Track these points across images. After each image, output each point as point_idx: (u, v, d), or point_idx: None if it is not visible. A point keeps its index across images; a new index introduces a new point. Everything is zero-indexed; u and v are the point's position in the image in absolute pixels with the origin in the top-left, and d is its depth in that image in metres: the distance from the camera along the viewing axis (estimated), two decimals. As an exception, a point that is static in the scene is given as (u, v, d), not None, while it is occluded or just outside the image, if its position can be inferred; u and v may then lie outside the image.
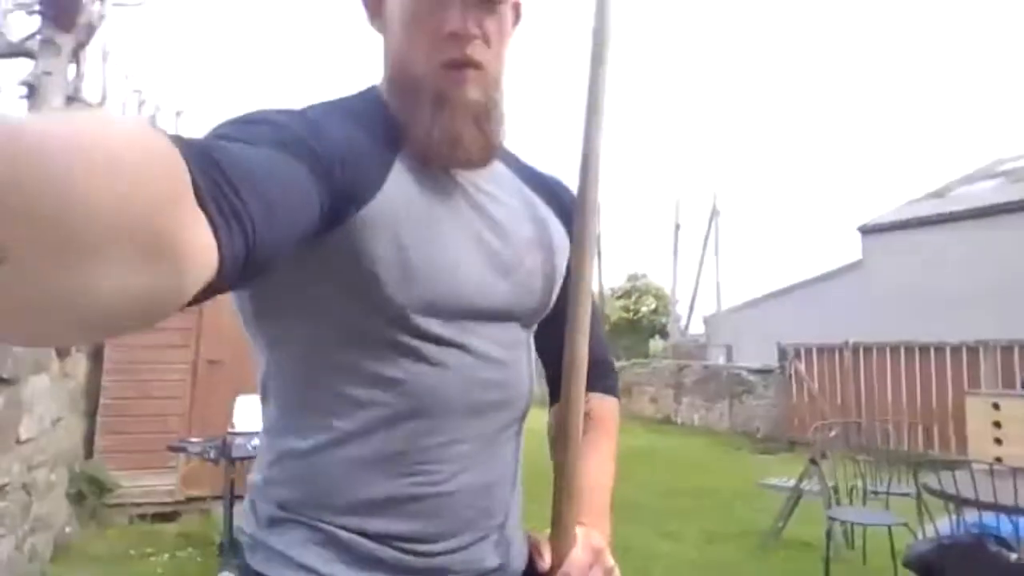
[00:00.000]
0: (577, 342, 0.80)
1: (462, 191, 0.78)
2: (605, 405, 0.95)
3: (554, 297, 0.86)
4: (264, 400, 0.79)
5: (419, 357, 0.72)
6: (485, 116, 0.78)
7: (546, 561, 0.78)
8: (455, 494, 0.74)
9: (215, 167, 0.42)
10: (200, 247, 0.38)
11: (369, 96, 0.81)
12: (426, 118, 0.75)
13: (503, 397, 0.78)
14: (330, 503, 0.72)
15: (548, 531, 0.80)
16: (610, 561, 0.80)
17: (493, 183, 0.83)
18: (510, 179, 0.87)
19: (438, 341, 0.73)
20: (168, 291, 0.37)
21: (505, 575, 0.80)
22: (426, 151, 0.75)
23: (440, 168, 0.77)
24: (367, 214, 0.67)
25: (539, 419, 0.94)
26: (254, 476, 0.79)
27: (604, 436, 0.92)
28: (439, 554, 0.74)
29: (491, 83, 0.78)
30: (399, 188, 0.72)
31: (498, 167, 0.85)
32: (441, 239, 0.73)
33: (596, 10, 0.87)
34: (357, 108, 0.78)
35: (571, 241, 0.85)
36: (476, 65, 0.75)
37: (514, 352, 0.81)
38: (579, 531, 0.79)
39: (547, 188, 0.92)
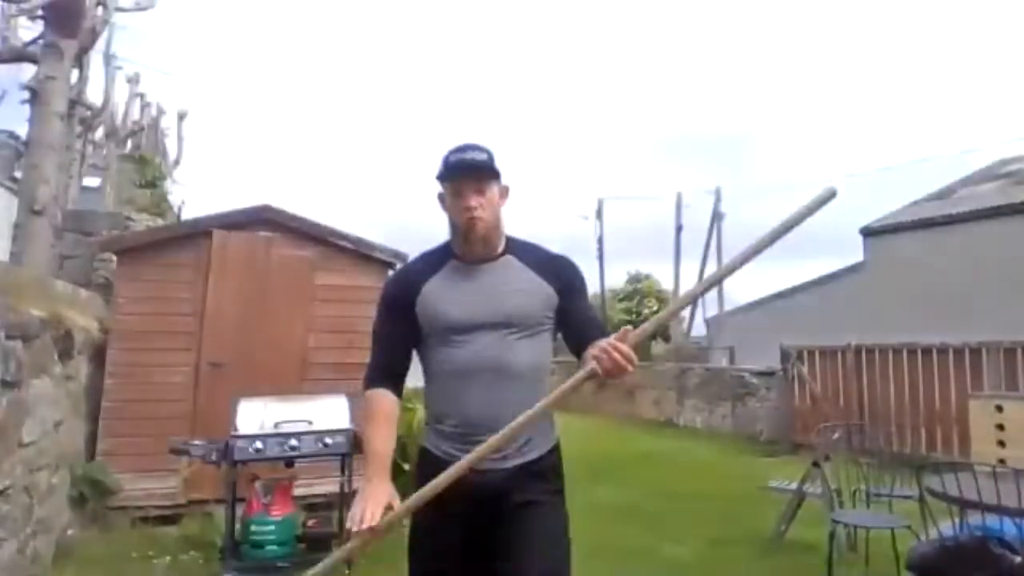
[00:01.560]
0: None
1: (475, 272, 1.73)
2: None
3: (526, 316, 1.69)
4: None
5: (452, 346, 1.69)
6: (487, 240, 1.71)
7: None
8: (473, 408, 1.65)
9: (385, 372, 1.77)
10: (398, 404, 1.77)
11: (444, 242, 1.80)
12: (460, 242, 1.74)
13: (494, 366, 1.65)
14: (431, 415, 1.79)
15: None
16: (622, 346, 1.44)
17: (500, 267, 1.74)
18: (514, 263, 1.75)
19: (458, 340, 1.68)
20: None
21: (504, 452, 1.61)
22: (461, 257, 1.75)
23: (469, 263, 1.74)
24: (420, 299, 1.72)
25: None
26: None
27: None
28: (468, 435, 1.63)
29: (490, 224, 1.70)
30: (435, 282, 1.73)
31: (507, 258, 1.75)
32: (446, 299, 1.71)
33: None
34: (433, 250, 1.81)
35: (563, 290, 1.74)
36: (480, 218, 1.67)
37: (505, 345, 1.66)
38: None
39: (545, 263, 1.77)
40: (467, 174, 1.65)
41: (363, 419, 1.70)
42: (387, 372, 1.74)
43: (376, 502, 1.50)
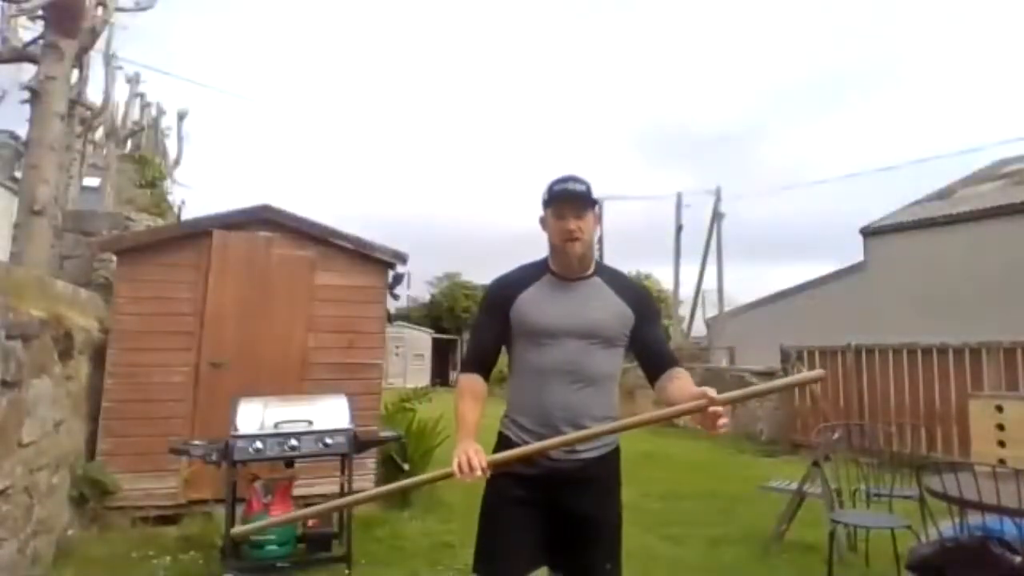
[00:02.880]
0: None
1: (567, 287, 1.99)
2: (682, 371, 1.95)
3: (606, 330, 1.95)
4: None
5: (541, 348, 1.94)
6: (582, 259, 1.97)
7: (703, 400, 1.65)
8: (553, 404, 1.90)
9: (477, 362, 2.03)
10: (486, 387, 2.02)
11: (542, 258, 2.06)
12: (558, 260, 2.00)
13: (574, 369, 1.90)
14: (513, 407, 2.02)
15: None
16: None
17: (589, 285, 2.00)
18: (600, 284, 2.01)
19: (546, 343, 1.93)
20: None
21: (574, 450, 1.87)
22: (557, 273, 2.00)
23: (562, 279, 1.99)
24: (516, 305, 1.98)
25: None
26: None
27: (685, 376, 1.91)
28: (545, 426, 1.89)
29: (586, 246, 1.96)
30: (530, 292, 1.98)
31: (596, 279, 2.01)
32: (540, 307, 1.96)
33: None
34: (533, 263, 2.06)
35: (639, 314, 2.00)
36: (578, 239, 1.92)
37: (585, 352, 1.92)
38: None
39: (627, 289, 2.03)
40: (569, 201, 1.92)
41: (456, 397, 2.00)
42: (479, 362, 2.01)
43: (475, 451, 1.75)
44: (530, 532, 1.89)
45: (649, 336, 2.00)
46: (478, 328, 2.09)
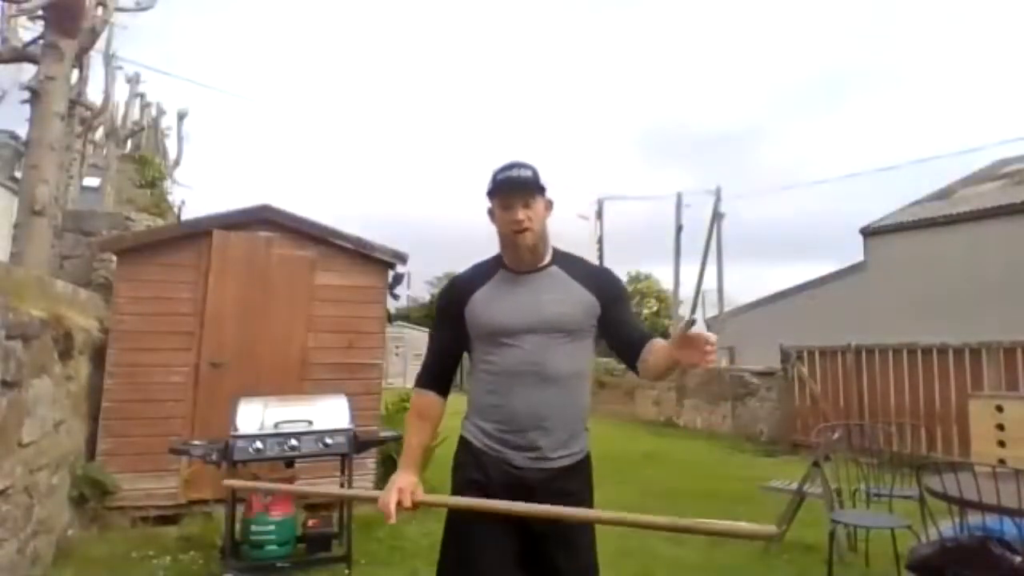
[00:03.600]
0: None
1: (523, 281, 1.84)
2: (659, 340, 1.78)
3: (568, 322, 1.79)
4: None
5: (500, 349, 1.79)
6: (534, 250, 1.82)
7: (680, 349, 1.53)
8: (516, 407, 1.75)
9: (432, 374, 1.93)
10: (444, 405, 1.92)
11: (496, 254, 1.91)
12: (509, 253, 1.85)
13: (537, 368, 1.75)
14: (473, 410, 1.86)
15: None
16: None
17: (546, 276, 1.85)
18: (558, 273, 1.86)
19: (505, 343, 1.79)
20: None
21: (543, 452, 1.75)
22: (510, 267, 1.86)
23: (517, 273, 1.85)
24: (469, 306, 1.84)
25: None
26: None
27: (662, 341, 1.74)
28: (509, 431, 1.76)
29: (538, 235, 1.81)
30: (484, 290, 1.85)
31: (553, 268, 1.86)
32: (494, 306, 1.82)
33: None
34: (484, 262, 1.93)
35: (604, 299, 1.83)
36: (528, 230, 1.78)
37: (548, 349, 1.76)
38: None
39: (588, 274, 1.88)
40: (516, 190, 1.78)
41: (406, 418, 1.95)
42: (434, 374, 1.91)
43: (405, 487, 1.73)
44: (498, 551, 1.74)
45: (619, 319, 1.84)
46: (431, 338, 1.97)
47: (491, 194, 1.81)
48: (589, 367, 1.91)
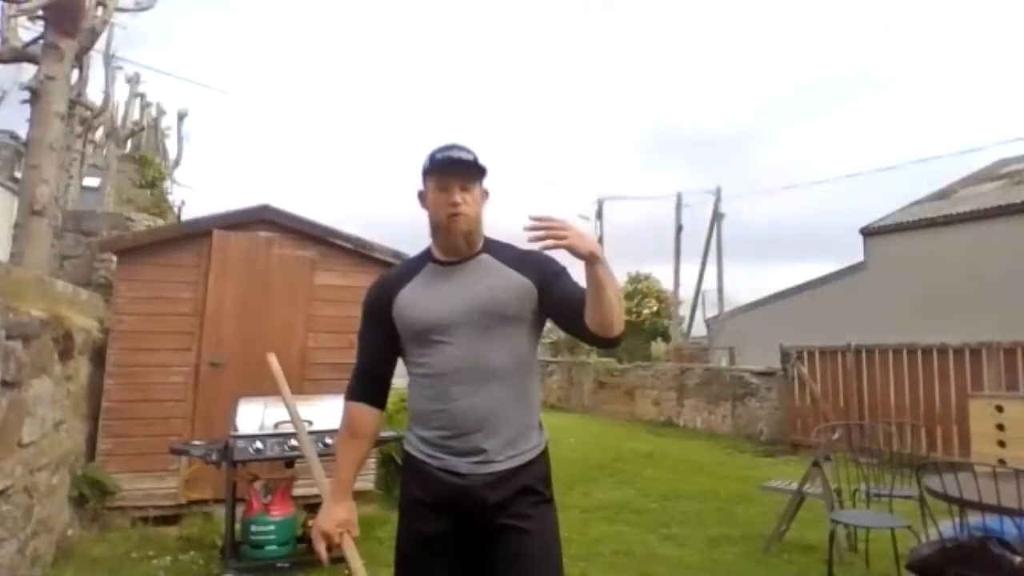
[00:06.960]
0: None
1: (452, 273, 1.68)
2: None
3: (504, 312, 1.62)
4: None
5: (432, 348, 1.63)
6: (468, 236, 1.66)
7: None
8: (456, 411, 1.58)
9: (364, 381, 1.77)
10: (380, 417, 1.77)
11: (424, 250, 1.77)
12: (441, 240, 1.69)
13: (475, 364, 1.59)
14: (413, 418, 1.70)
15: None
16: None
17: (477, 266, 1.69)
18: (490, 260, 1.70)
19: (437, 340, 1.63)
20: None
21: (488, 455, 1.57)
22: (440, 258, 1.71)
23: (446, 264, 1.69)
24: (395, 306, 1.69)
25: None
26: None
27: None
28: (451, 437, 1.59)
29: (473, 222, 1.66)
30: (410, 287, 1.70)
31: (484, 257, 1.70)
32: (421, 302, 1.66)
33: None
34: (413, 257, 1.82)
35: (541, 281, 1.66)
36: (464, 214, 1.63)
37: (485, 342, 1.60)
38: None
39: (520, 258, 1.69)
40: (455, 170, 1.62)
41: (337, 435, 1.79)
42: (366, 381, 1.75)
43: (328, 528, 1.71)
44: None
45: (560, 293, 1.63)
46: (361, 340, 1.78)
47: (427, 173, 1.66)
48: (533, 358, 1.72)
